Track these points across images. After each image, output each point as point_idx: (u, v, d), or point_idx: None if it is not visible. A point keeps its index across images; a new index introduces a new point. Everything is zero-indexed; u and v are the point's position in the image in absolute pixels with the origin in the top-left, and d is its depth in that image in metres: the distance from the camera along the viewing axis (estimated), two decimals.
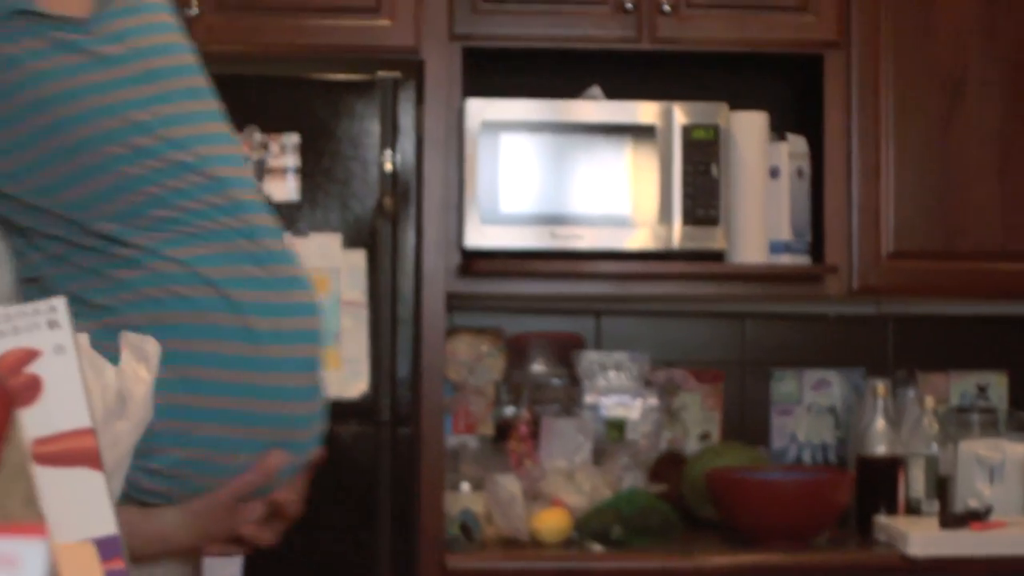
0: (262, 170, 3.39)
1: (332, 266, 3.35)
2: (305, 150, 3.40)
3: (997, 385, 4.20)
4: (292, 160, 3.40)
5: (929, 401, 3.88)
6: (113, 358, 1.69)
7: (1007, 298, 4.03)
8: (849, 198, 3.76)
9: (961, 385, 4.18)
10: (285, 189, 3.40)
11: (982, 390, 4.19)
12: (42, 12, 1.77)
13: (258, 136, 3.39)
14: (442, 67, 3.61)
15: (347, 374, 3.35)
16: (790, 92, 4.04)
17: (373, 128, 3.39)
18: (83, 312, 1.72)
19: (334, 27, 3.58)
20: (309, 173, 3.39)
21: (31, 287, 1.81)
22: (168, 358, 1.72)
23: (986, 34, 3.80)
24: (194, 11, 3.56)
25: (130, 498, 1.73)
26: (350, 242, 3.37)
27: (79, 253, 1.78)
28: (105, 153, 1.77)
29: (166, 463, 1.74)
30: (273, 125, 3.40)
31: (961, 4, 3.80)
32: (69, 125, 1.76)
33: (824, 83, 3.79)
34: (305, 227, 3.37)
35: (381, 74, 3.39)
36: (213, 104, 1.92)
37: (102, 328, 1.72)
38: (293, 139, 3.40)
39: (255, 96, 3.42)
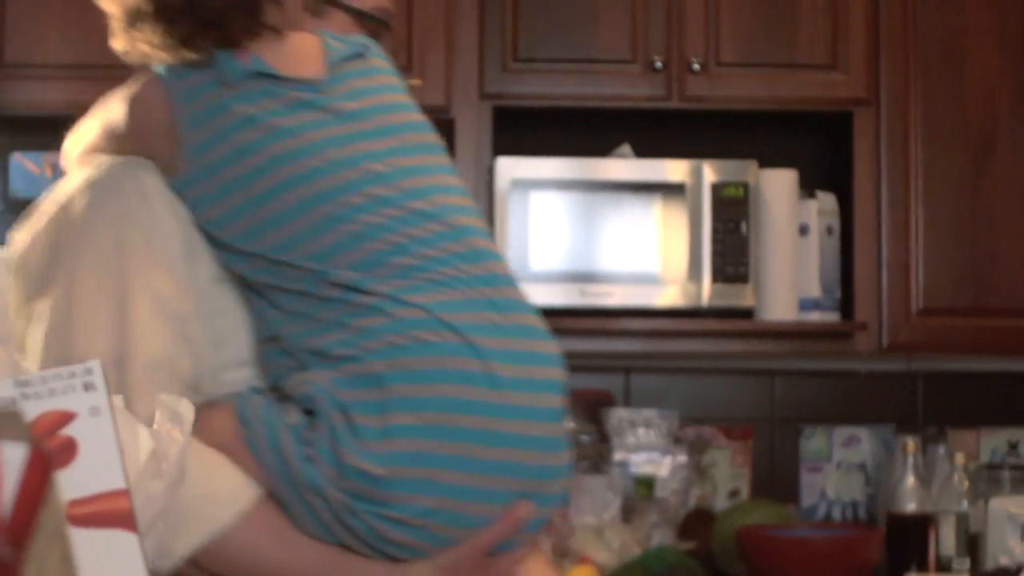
0: None
1: None
2: None
3: None
4: None
5: (959, 458, 3.87)
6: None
7: None
8: (879, 255, 3.77)
9: (992, 442, 4.17)
10: None
11: (1013, 447, 4.18)
12: (279, 74, 1.85)
13: None
14: (472, 125, 3.63)
15: None
16: (820, 150, 4.05)
17: None
18: (324, 364, 1.76)
19: None
20: None
21: (271, 347, 1.84)
22: (411, 404, 1.72)
23: (1016, 91, 3.82)
24: None
25: (376, 550, 1.74)
26: None
27: (320, 306, 1.78)
28: (345, 203, 1.80)
29: (409, 512, 1.72)
30: None
31: (991, 61, 3.82)
32: (310, 178, 1.80)
33: (853, 141, 3.80)
34: None
35: None
36: (445, 159, 1.95)
37: (345, 377, 1.74)
38: None
39: None
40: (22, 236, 1.89)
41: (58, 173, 2.04)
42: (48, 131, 2.38)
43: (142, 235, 1.82)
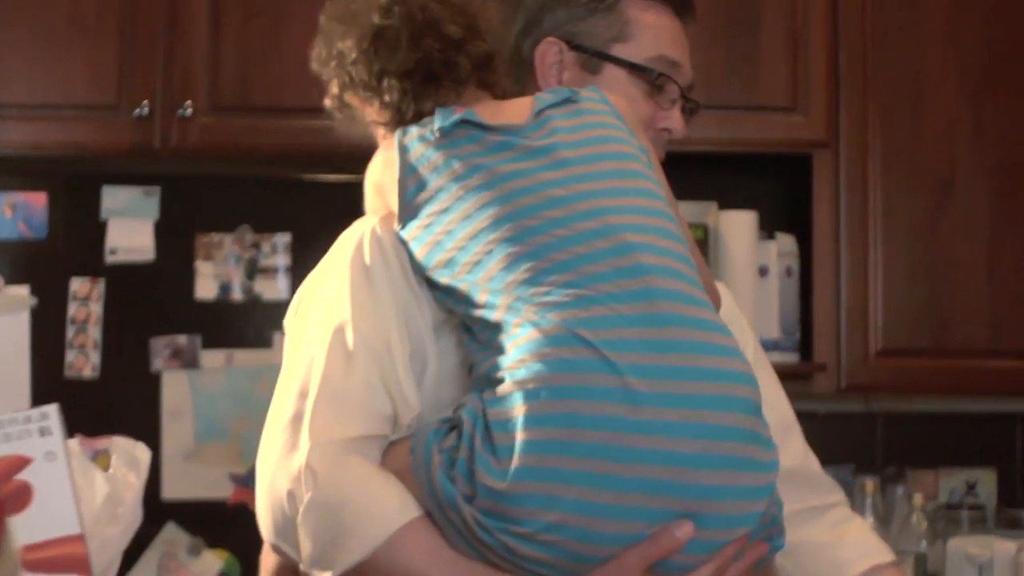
0: (254, 269, 3.41)
1: None
2: (296, 250, 3.42)
3: (986, 482, 4.20)
4: (283, 260, 3.42)
5: (918, 498, 3.89)
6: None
7: (995, 395, 4.05)
8: (838, 297, 3.78)
9: (950, 482, 4.19)
10: (276, 288, 3.42)
11: (971, 487, 4.20)
12: (484, 123, 1.96)
13: (250, 236, 3.42)
14: None
15: None
16: (780, 191, 4.07)
17: None
18: (487, 387, 1.81)
19: (327, 128, 3.60)
20: (300, 273, 3.40)
21: (476, 380, 1.89)
22: (538, 421, 1.73)
23: (974, 134, 3.84)
24: (188, 112, 3.60)
25: (516, 566, 1.75)
26: None
27: (494, 332, 1.84)
28: (522, 226, 1.86)
29: (536, 528, 1.72)
30: (265, 225, 3.42)
31: (949, 104, 3.85)
32: (492, 206, 1.88)
33: (813, 182, 3.82)
34: None
35: None
36: (646, 183, 1.96)
37: (495, 397, 1.77)
38: (285, 239, 3.42)
39: (248, 196, 3.45)
40: (306, 286, 2.09)
41: (19, 213, 2.05)
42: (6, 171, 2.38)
43: (362, 282, 1.96)
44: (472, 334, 1.90)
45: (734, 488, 1.76)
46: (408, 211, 1.94)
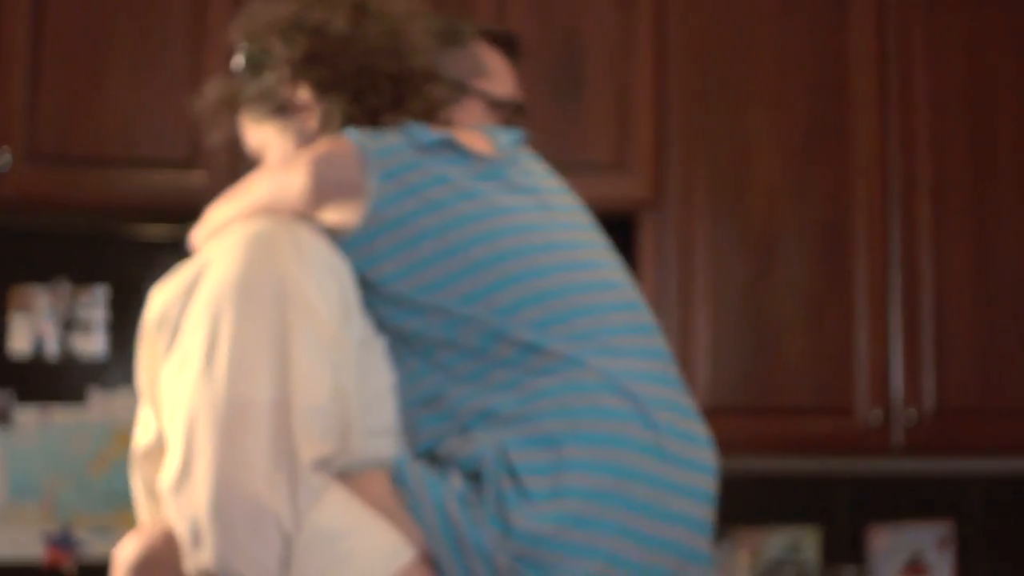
0: (70, 323, 3.35)
1: None
2: (115, 303, 3.37)
3: (809, 540, 4.24)
4: (101, 313, 3.36)
5: (743, 556, 3.91)
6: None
7: (818, 454, 4.09)
8: None
9: (775, 540, 4.22)
10: (93, 343, 3.36)
11: (795, 545, 4.23)
12: (465, 148, 1.93)
13: (67, 288, 3.36)
14: None
15: None
16: None
17: None
18: (492, 426, 1.77)
19: (148, 180, 3.57)
20: (118, 327, 3.36)
21: (425, 411, 1.84)
22: (585, 466, 1.72)
23: (797, 195, 3.91)
24: (5, 161, 3.53)
25: None
26: None
27: (494, 366, 1.80)
28: (533, 262, 1.85)
29: (571, 575, 1.71)
30: (83, 277, 3.37)
31: (773, 166, 3.90)
32: (498, 235, 1.85)
33: (638, 241, 3.85)
34: (113, 382, 3.34)
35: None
36: (605, 243, 1.99)
37: (517, 437, 1.74)
38: (103, 292, 3.37)
39: (66, 248, 3.40)
40: (164, 294, 1.87)
41: None
42: None
43: (300, 289, 1.79)
44: (430, 361, 1.84)
45: (709, 555, 1.83)
46: (379, 218, 1.86)
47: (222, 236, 1.88)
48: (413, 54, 2.02)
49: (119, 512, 3.33)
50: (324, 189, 1.88)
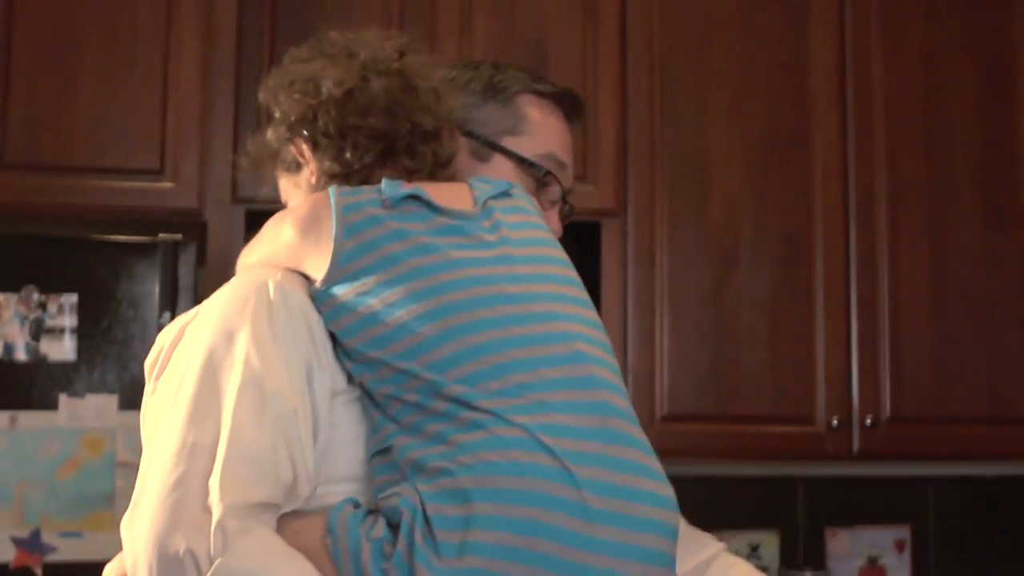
0: (40, 330, 3.36)
1: (108, 427, 3.32)
2: (84, 310, 3.37)
3: (769, 544, 4.28)
4: (70, 320, 3.37)
5: None
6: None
7: (777, 459, 4.13)
8: (625, 363, 3.83)
9: (734, 544, 4.25)
10: (62, 349, 3.37)
11: (754, 549, 4.27)
12: (433, 202, 1.95)
13: (36, 296, 3.37)
14: (225, 229, 3.61)
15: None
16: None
17: (153, 289, 3.39)
18: (420, 478, 1.76)
19: (117, 188, 3.58)
20: (87, 334, 3.37)
21: (381, 461, 1.85)
22: (493, 523, 1.70)
23: (757, 205, 3.94)
24: None
25: None
26: (127, 403, 3.34)
27: (429, 419, 1.80)
28: (475, 316, 1.84)
29: None
30: (52, 285, 3.37)
31: (734, 176, 3.94)
32: (444, 290, 1.86)
33: (601, 250, 3.88)
34: (82, 388, 3.35)
35: (163, 236, 3.39)
36: (579, 292, 2.00)
37: (434, 491, 1.74)
38: (72, 299, 3.38)
39: (35, 255, 3.40)
40: (164, 336, 1.96)
41: None
42: None
43: (268, 335, 1.85)
44: (386, 413, 1.85)
45: None
46: (339, 273, 1.89)
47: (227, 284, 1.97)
48: (419, 112, 2.05)
49: (88, 517, 3.35)
50: (302, 244, 1.92)
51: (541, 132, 2.23)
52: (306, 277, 1.93)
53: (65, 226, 3.57)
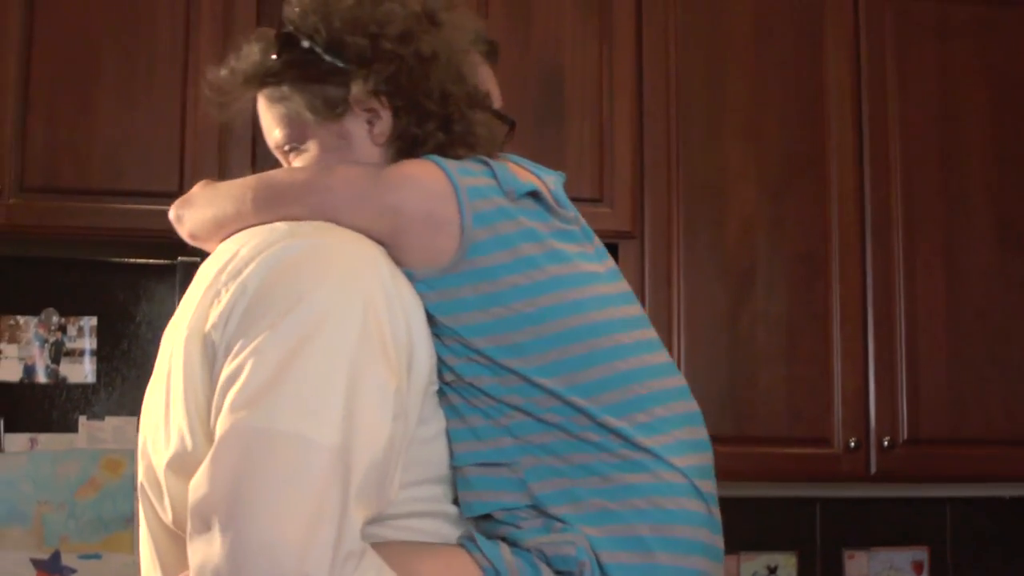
0: (59, 352, 3.37)
1: (127, 448, 3.33)
2: (103, 332, 3.39)
3: (786, 566, 4.27)
4: (90, 343, 3.38)
5: None
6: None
7: (795, 481, 4.13)
8: None
9: (751, 566, 4.24)
10: (82, 372, 3.38)
11: (772, 571, 4.26)
12: (548, 202, 1.80)
13: (56, 318, 3.38)
14: None
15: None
16: None
17: (172, 311, 3.39)
18: (577, 515, 1.69)
19: (135, 211, 3.59)
20: (107, 356, 3.38)
21: (491, 473, 1.71)
22: (672, 573, 1.69)
23: (772, 227, 3.95)
24: None
25: None
26: None
27: (575, 447, 1.70)
28: (617, 341, 1.75)
29: None
30: (72, 307, 3.39)
31: (749, 198, 3.95)
32: (583, 307, 1.75)
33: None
34: (101, 410, 3.36)
35: (181, 258, 3.40)
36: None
37: (606, 537, 1.68)
38: (91, 322, 3.39)
39: (54, 278, 3.42)
40: (199, 297, 1.69)
41: None
42: None
43: (379, 326, 1.61)
44: (496, 421, 1.72)
45: None
46: (464, 264, 1.72)
47: (276, 236, 1.69)
48: (471, 76, 1.88)
49: (107, 538, 3.36)
50: (410, 217, 1.73)
51: (494, 88, 2.02)
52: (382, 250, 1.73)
53: (84, 249, 3.59)
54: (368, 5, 1.83)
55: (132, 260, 3.48)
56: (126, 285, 3.41)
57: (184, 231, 1.90)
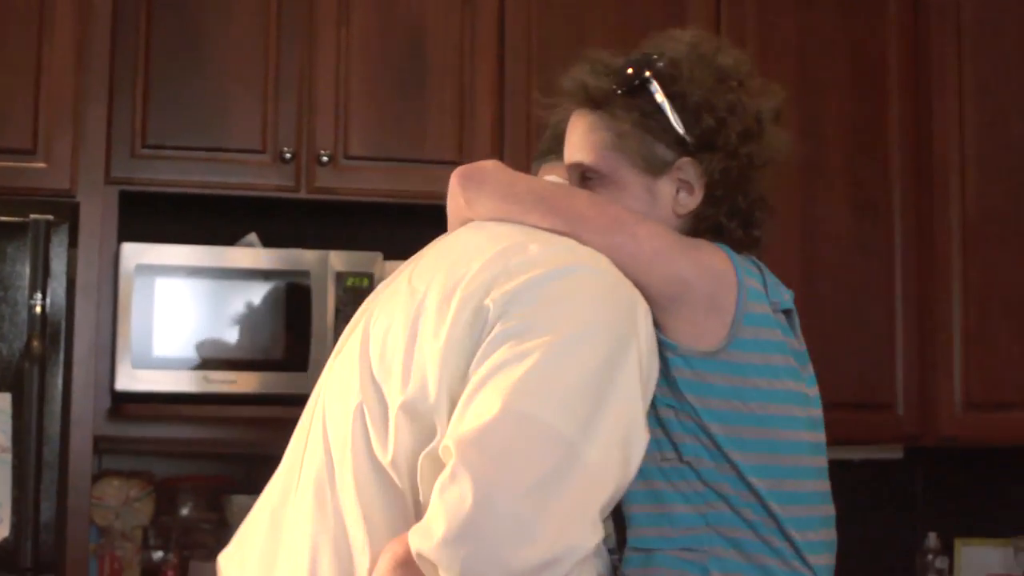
0: None
1: None
2: None
3: None
4: None
5: None
6: None
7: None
8: None
9: None
10: None
11: None
12: (795, 321, 1.98)
13: None
14: (97, 210, 3.58)
15: None
16: None
17: (24, 270, 3.36)
18: None
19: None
20: None
21: (681, 555, 1.83)
22: None
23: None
24: None
25: None
26: None
27: (759, 548, 1.85)
28: (805, 463, 1.91)
29: None
30: None
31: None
32: (799, 426, 1.91)
33: None
34: None
35: (34, 216, 3.36)
36: None
37: None
38: None
39: None
40: (485, 271, 1.77)
41: None
42: None
43: (648, 362, 1.76)
44: (691, 503, 1.83)
45: None
46: (719, 354, 1.83)
47: (580, 256, 1.81)
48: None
49: None
50: (698, 293, 1.83)
51: None
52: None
53: None
54: (723, 90, 1.92)
55: None
56: None
57: (473, 212, 2.00)
